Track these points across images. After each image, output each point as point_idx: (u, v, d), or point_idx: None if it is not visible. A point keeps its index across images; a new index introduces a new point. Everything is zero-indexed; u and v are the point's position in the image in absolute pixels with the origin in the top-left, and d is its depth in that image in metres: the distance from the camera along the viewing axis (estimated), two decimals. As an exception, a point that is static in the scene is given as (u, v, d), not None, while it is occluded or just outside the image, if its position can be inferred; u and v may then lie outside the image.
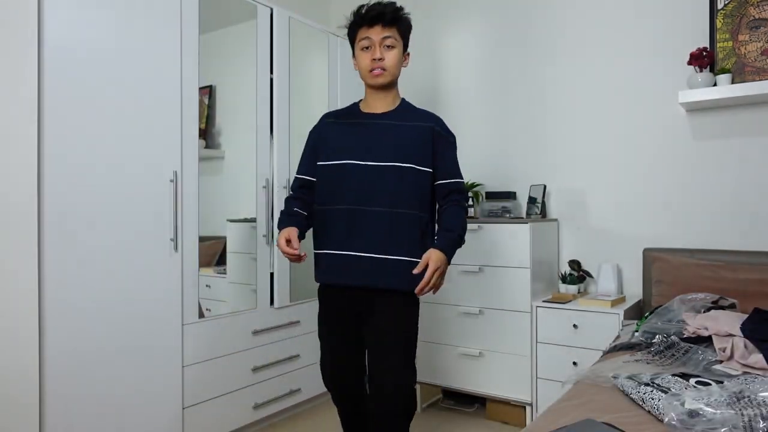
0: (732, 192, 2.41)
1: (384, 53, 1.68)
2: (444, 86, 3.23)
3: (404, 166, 1.66)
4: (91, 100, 1.83)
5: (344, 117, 1.78)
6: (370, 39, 1.68)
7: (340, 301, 1.73)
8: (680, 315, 1.93)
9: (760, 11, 2.31)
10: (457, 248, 1.69)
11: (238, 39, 2.44)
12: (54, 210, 1.73)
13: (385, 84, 1.71)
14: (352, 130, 1.73)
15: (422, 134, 1.71)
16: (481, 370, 2.58)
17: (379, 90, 1.73)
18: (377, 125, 1.72)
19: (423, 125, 1.72)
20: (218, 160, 2.37)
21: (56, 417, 1.73)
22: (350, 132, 1.73)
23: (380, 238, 1.64)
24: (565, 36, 2.82)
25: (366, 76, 1.72)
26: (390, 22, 1.67)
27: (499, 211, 2.77)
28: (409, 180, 1.67)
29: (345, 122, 1.76)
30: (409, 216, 1.66)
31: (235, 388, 2.34)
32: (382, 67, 1.68)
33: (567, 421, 1.24)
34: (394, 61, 1.69)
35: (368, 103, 1.78)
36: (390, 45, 1.68)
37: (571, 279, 2.61)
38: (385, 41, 1.68)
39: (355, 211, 1.66)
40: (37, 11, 1.67)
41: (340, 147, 1.71)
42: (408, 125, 1.71)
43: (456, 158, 1.79)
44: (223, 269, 2.38)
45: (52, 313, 1.72)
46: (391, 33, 1.68)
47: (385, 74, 1.69)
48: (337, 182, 1.69)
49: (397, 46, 1.70)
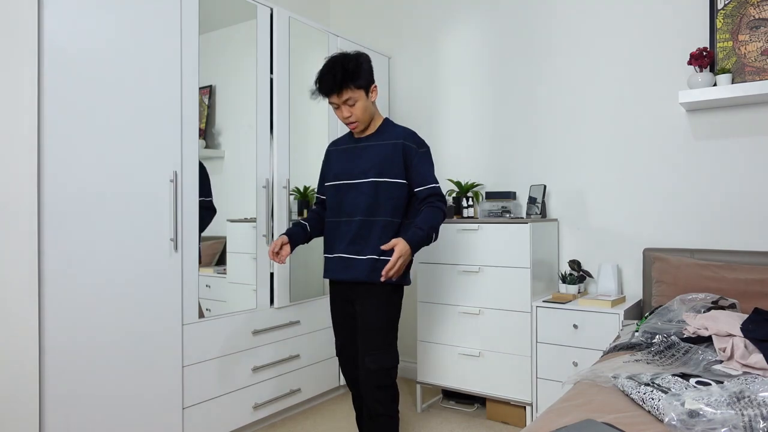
0: (732, 192, 2.41)
1: (350, 110, 1.91)
2: (444, 86, 3.23)
3: (381, 180, 1.92)
4: (91, 100, 1.83)
5: (341, 144, 2.08)
6: (334, 103, 1.92)
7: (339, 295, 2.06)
8: (680, 315, 1.92)
9: (760, 11, 2.31)
10: (423, 244, 1.86)
11: (238, 39, 2.44)
12: (54, 210, 1.73)
13: (363, 129, 1.99)
14: (344, 155, 2.03)
15: (393, 150, 1.94)
16: (481, 370, 2.58)
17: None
18: (359, 148, 2.00)
19: (394, 142, 1.95)
20: (218, 160, 2.37)
21: (56, 417, 1.73)
22: (343, 156, 2.03)
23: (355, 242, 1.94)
24: (565, 36, 2.82)
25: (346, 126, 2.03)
26: (341, 88, 1.86)
27: (499, 211, 2.77)
28: (384, 191, 1.93)
29: (341, 148, 2.06)
30: (381, 222, 1.93)
31: (235, 388, 2.34)
32: (353, 122, 1.94)
33: (567, 421, 1.24)
34: (360, 112, 1.91)
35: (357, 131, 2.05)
36: (351, 103, 1.90)
37: (571, 279, 2.61)
38: (346, 102, 1.90)
39: (345, 222, 1.97)
40: (37, 11, 1.67)
41: (336, 169, 2.02)
42: (382, 144, 1.97)
43: (429, 166, 1.97)
44: (223, 269, 2.38)
45: (52, 313, 1.72)
46: (348, 93, 1.88)
47: (358, 124, 1.95)
48: (335, 199, 2.01)
49: (359, 99, 1.90)
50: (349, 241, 1.95)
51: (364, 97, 1.92)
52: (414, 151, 1.95)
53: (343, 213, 1.98)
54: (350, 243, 1.95)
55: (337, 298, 2.06)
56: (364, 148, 1.99)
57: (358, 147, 2.01)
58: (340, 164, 2.02)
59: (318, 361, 2.79)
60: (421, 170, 1.95)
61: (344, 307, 2.05)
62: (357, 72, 1.87)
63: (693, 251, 2.38)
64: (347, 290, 2.02)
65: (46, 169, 1.71)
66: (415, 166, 1.95)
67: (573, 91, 2.80)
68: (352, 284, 1.99)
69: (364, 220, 1.93)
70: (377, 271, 1.92)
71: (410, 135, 1.98)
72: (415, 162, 1.95)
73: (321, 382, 2.81)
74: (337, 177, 2.01)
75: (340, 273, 1.98)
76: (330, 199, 2.04)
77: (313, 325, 2.76)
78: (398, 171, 1.94)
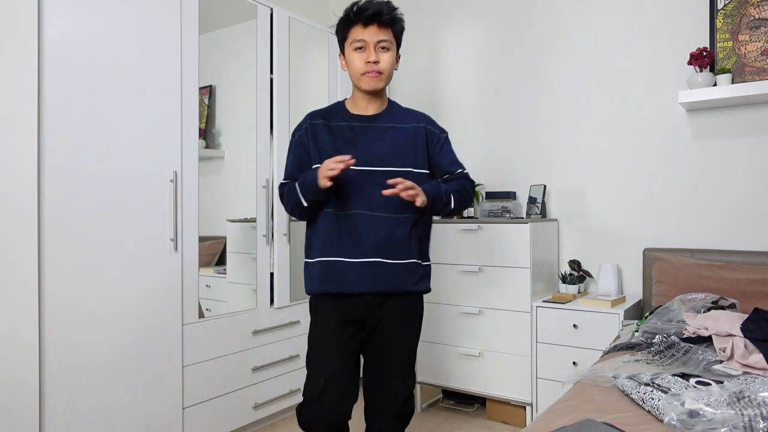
0: (732, 192, 2.41)
1: (379, 56, 1.59)
2: (444, 86, 3.23)
3: (401, 170, 1.62)
4: (90, 100, 1.83)
5: (333, 119, 1.68)
6: (364, 40, 1.58)
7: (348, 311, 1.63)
8: (680, 315, 1.92)
9: (760, 11, 2.31)
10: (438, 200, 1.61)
11: (238, 39, 2.44)
12: (54, 210, 1.73)
13: (379, 88, 1.64)
14: (346, 134, 1.64)
15: (415, 135, 1.67)
16: (481, 370, 2.58)
17: (371, 93, 1.66)
18: (370, 128, 1.65)
19: (415, 125, 1.68)
20: (218, 160, 2.37)
21: (56, 417, 1.73)
22: (343, 136, 1.64)
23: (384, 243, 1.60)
24: (565, 36, 2.82)
25: (358, 79, 1.62)
26: (387, 24, 1.59)
27: (499, 211, 2.77)
28: None
29: (336, 125, 1.66)
30: (408, 220, 1.63)
31: (235, 388, 2.34)
32: (378, 71, 1.60)
33: (567, 421, 1.24)
34: (389, 64, 1.61)
35: (357, 105, 1.69)
36: (385, 47, 1.60)
37: (571, 279, 2.61)
38: (381, 43, 1.59)
39: (357, 217, 1.60)
40: (37, 11, 1.68)
41: (332, 151, 1.62)
42: (400, 127, 1.67)
43: (454, 152, 1.76)
44: (223, 269, 2.38)
45: (52, 312, 1.72)
46: (387, 35, 1.60)
47: (380, 78, 1.61)
48: (334, 189, 1.58)
49: (392, 49, 1.62)
50: (375, 241, 1.59)
51: (396, 53, 1.64)
52: (437, 137, 1.71)
53: (350, 206, 1.60)
54: (377, 245, 1.59)
55: (337, 318, 1.62)
56: (379, 130, 1.64)
57: (370, 128, 1.64)
58: (339, 144, 1.63)
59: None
60: (450, 156, 1.72)
61: (345, 331, 1.62)
62: (402, 21, 1.64)
63: (693, 251, 2.38)
64: (365, 307, 1.62)
65: (46, 169, 1.71)
66: (444, 152, 1.71)
67: (573, 91, 2.80)
68: (377, 297, 1.62)
69: (386, 218, 1.60)
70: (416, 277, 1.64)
71: (430, 119, 1.74)
72: (440, 148, 1.70)
73: (321, 382, 2.81)
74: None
75: (364, 283, 1.59)
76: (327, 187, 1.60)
77: (313, 325, 2.76)
78: (422, 160, 1.67)
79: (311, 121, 1.68)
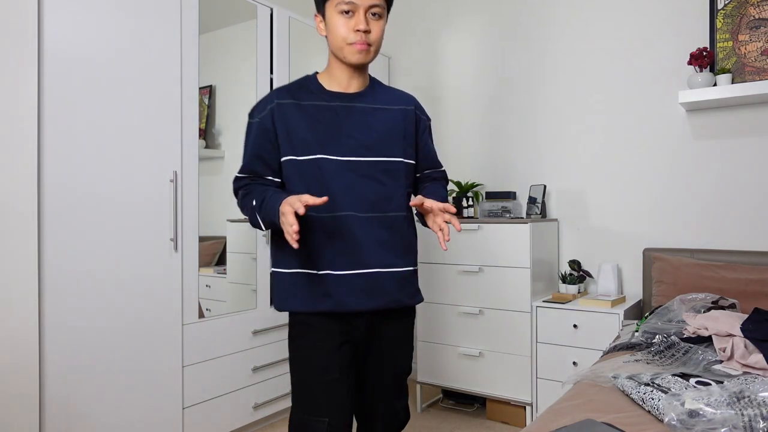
0: (732, 192, 2.41)
1: (371, 24, 1.32)
2: (444, 85, 3.23)
3: (393, 160, 1.39)
4: (91, 100, 1.83)
5: (306, 97, 1.37)
6: (353, 3, 1.30)
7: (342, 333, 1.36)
8: (680, 315, 1.93)
9: (760, 11, 2.31)
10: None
11: (238, 39, 2.44)
12: (54, 210, 1.73)
13: (367, 62, 1.37)
14: (325, 116, 1.35)
15: (404, 119, 1.42)
16: (481, 370, 2.58)
17: (356, 67, 1.38)
18: (353, 109, 1.37)
19: (404, 108, 1.44)
20: (218, 160, 2.37)
21: (56, 417, 1.73)
22: (322, 118, 1.35)
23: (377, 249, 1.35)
24: (565, 36, 2.82)
25: (342, 49, 1.34)
26: None
27: (499, 211, 2.77)
28: (398, 176, 1.40)
29: (310, 104, 1.36)
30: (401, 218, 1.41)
31: (235, 388, 2.34)
32: (368, 42, 1.33)
33: (567, 421, 1.24)
34: (379, 35, 1.35)
35: (336, 80, 1.39)
36: (377, 13, 1.33)
37: (571, 279, 2.61)
38: (373, 9, 1.32)
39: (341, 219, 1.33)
40: (37, 12, 1.67)
41: (308, 137, 1.33)
42: (387, 109, 1.41)
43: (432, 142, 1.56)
44: (223, 269, 2.38)
45: (52, 313, 1.72)
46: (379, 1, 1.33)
47: (369, 50, 1.34)
48: (312, 185, 1.32)
49: (384, 17, 1.36)
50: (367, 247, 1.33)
51: (386, 18, 1.38)
52: (424, 124, 1.50)
53: (339, 206, 1.32)
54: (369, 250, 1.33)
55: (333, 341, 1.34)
56: (363, 111, 1.38)
57: (353, 108, 1.37)
58: (318, 129, 1.34)
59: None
60: (431, 149, 1.53)
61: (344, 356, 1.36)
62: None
63: (693, 251, 2.38)
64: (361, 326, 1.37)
65: (46, 169, 1.71)
66: (426, 143, 1.50)
67: (573, 91, 2.80)
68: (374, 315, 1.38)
69: (376, 218, 1.35)
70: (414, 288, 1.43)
71: (418, 103, 1.51)
72: (425, 138, 1.50)
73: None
74: (313, 148, 1.33)
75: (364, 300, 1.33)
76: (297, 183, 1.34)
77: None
78: (412, 148, 1.45)
79: (278, 101, 1.35)
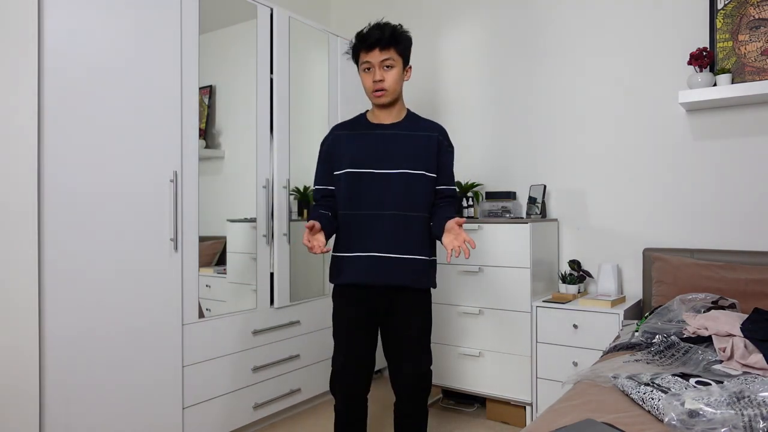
0: (732, 192, 2.41)
1: (384, 74, 1.77)
2: (444, 86, 3.23)
3: (415, 173, 1.80)
4: (90, 100, 1.83)
5: (354, 128, 1.87)
6: (370, 62, 1.77)
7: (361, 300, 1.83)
8: (680, 315, 1.93)
9: (760, 11, 2.31)
10: None
11: (238, 39, 2.44)
12: (54, 210, 1.73)
13: (387, 103, 1.82)
14: (364, 141, 1.83)
15: (430, 143, 1.83)
16: (481, 370, 2.58)
17: (384, 107, 1.84)
18: (387, 135, 1.83)
19: (429, 134, 1.85)
20: (218, 160, 2.37)
21: (56, 417, 1.73)
22: (362, 142, 1.83)
23: (395, 239, 1.78)
24: (565, 36, 2.82)
25: (370, 96, 1.83)
26: (387, 45, 1.75)
27: (499, 211, 2.77)
28: (419, 185, 1.80)
29: (356, 133, 1.85)
30: (419, 218, 1.81)
31: (235, 388, 2.34)
32: (382, 88, 1.77)
33: (567, 421, 1.24)
34: (392, 80, 1.78)
35: (376, 115, 1.88)
36: (389, 65, 1.77)
37: (571, 279, 2.61)
38: (385, 62, 1.77)
39: (372, 216, 1.79)
40: (36, 12, 1.67)
41: (354, 157, 1.81)
42: (417, 135, 1.83)
43: (452, 166, 1.92)
44: (223, 269, 2.38)
45: (52, 313, 1.72)
46: (389, 54, 1.76)
47: (386, 94, 1.79)
48: (353, 189, 1.80)
49: (396, 65, 1.78)
50: (386, 237, 1.78)
51: (401, 67, 1.81)
52: (445, 149, 1.88)
53: (367, 205, 1.79)
54: (387, 240, 1.77)
55: (357, 305, 1.83)
56: (394, 137, 1.82)
57: (385, 135, 1.83)
58: (360, 150, 1.82)
59: (318, 361, 2.79)
60: (448, 170, 1.89)
61: (365, 318, 1.84)
62: (404, 36, 1.80)
63: (693, 251, 2.38)
64: (377, 297, 1.82)
65: (46, 169, 1.71)
66: (444, 164, 1.88)
67: (573, 91, 2.80)
68: (388, 290, 1.81)
69: (398, 215, 1.78)
70: (423, 275, 1.81)
71: (443, 131, 1.91)
72: (444, 160, 1.87)
73: (321, 382, 2.81)
74: (356, 164, 1.81)
75: (375, 276, 1.78)
76: (345, 189, 1.82)
77: (313, 325, 2.76)
78: (433, 165, 1.84)
79: (335, 132, 1.89)
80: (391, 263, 1.78)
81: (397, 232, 1.78)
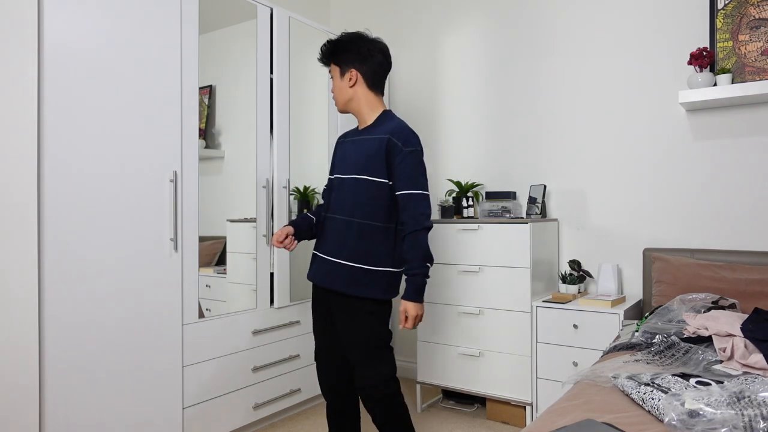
0: (732, 192, 2.41)
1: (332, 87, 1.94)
2: (444, 86, 3.23)
3: (360, 177, 1.82)
4: (91, 100, 1.83)
5: (348, 136, 1.98)
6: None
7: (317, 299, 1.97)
8: (680, 315, 1.93)
9: (760, 11, 2.31)
10: (424, 287, 1.77)
11: (238, 39, 2.44)
12: (54, 210, 1.73)
13: (341, 112, 1.96)
14: (344, 148, 1.94)
15: (376, 146, 1.81)
16: (481, 370, 2.58)
17: (354, 114, 1.95)
18: (356, 141, 1.90)
19: (380, 137, 1.82)
20: (218, 160, 2.37)
21: (56, 417, 1.73)
22: (344, 149, 1.94)
23: (339, 244, 1.84)
24: (565, 35, 2.82)
25: None
26: (327, 62, 1.93)
27: (499, 211, 2.77)
28: (365, 191, 1.81)
29: (347, 141, 1.96)
30: (368, 226, 1.81)
31: (235, 388, 2.34)
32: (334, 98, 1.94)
33: (567, 421, 1.24)
34: (335, 90, 1.92)
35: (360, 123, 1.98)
36: (332, 77, 1.93)
37: (571, 279, 2.61)
38: (330, 76, 1.95)
39: (329, 219, 1.90)
40: (37, 11, 1.67)
41: (334, 163, 1.97)
42: (370, 138, 1.84)
43: (411, 169, 1.77)
44: (223, 269, 2.38)
45: (52, 313, 1.72)
46: (330, 68, 1.94)
47: (336, 104, 1.95)
48: (328, 194, 1.96)
49: (336, 76, 1.91)
50: (330, 241, 1.86)
51: (338, 76, 1.89)
52: (398, 150, 1.77)
53: (330, 209, 1.90)
54: (330, 243, 1.86)
55: (315, 304, 1.98)
56: (359, 142, 1.87)
57: (354, 141, 1.90)
58: (338, 157, 1.94)
59: (318, 361, 2.78)
60: (401, 173, 1.77)
61: (323, 312, 1.95)
62: (337, 48, 1.88)
63: (693, 251, 2.38)
64: (326, 295, 1.92)
65: (45, 169, 1.71)
66: (396, 166, 1.78)
67: (573, 91, 2.80)
68: (329, 293, 1.88)
69: (345, 221, 1.83)
70: (354, 282, 1.79)
71: (399, 131, 1.79)
72: (396, 161, 1.77)
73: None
74: (333, 170, 1.96)
75: (319, 277, 1.88)
76: (325, 193, 2.02)
77: (313, 325, 2.76)
78: (380, 169, 1.79)
79: (338, 140, 2.04)
80: (330, 266, 1.84)
81: (342, 237, 1.82)
